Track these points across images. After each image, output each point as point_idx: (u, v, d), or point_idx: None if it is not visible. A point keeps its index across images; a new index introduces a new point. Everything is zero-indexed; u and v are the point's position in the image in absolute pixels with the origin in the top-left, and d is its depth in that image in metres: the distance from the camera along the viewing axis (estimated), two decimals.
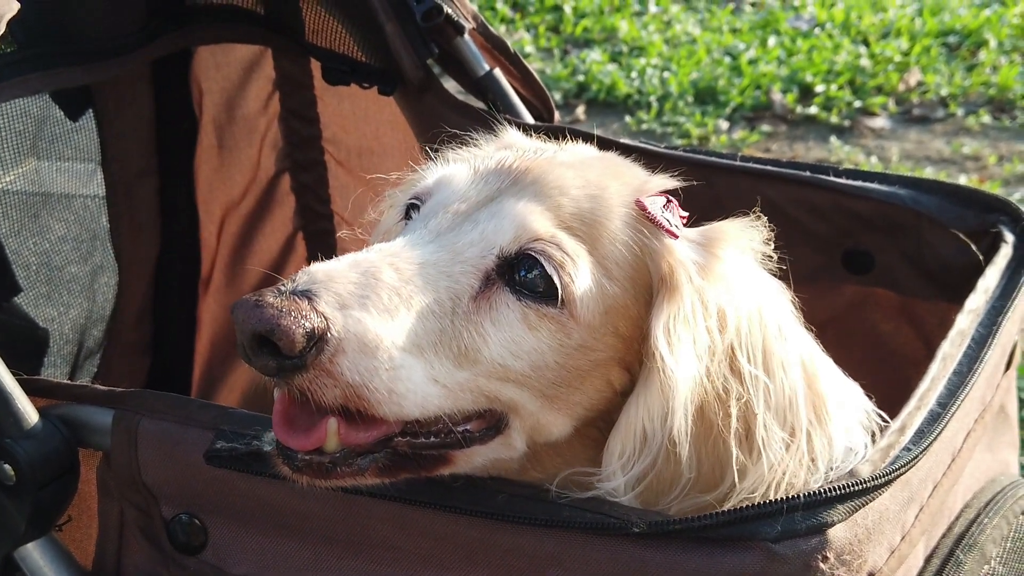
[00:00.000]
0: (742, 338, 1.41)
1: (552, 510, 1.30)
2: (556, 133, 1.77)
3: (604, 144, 1.81)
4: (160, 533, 1.49)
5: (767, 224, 1.51)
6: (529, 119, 2.24)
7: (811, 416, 1.43)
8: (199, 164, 2.51)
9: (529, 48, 6.22)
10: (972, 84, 5.63)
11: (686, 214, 1.53)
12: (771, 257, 1.52)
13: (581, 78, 5.83)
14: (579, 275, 1.38)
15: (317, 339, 1.23)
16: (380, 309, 1.29)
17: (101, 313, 2.40)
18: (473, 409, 1.38)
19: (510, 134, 1.73)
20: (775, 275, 1.53)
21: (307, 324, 1.22)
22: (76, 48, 2.07)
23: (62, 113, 2.20)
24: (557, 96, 5.72)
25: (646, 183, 1.53)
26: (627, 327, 1.43)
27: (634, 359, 1.44)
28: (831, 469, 1.42)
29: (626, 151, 1.87)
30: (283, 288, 1.25)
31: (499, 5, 6.65)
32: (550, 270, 1.37)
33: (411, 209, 1.52)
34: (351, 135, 2.48)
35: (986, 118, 5.38)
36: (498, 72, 2.23)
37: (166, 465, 1.47)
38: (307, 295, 1.24)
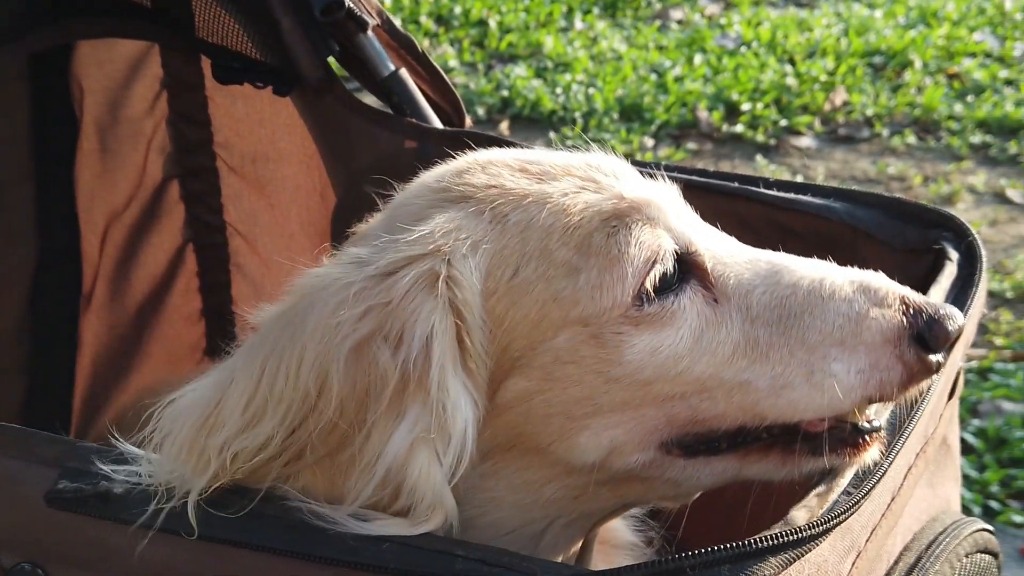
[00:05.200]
0: None
1: (445, 563, 1.14)
2: (467, 139, 1.62)
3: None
4: None
5: None
6: (438, 124, 2.08)
7: None
8: (80, 170, 2.30)
9: (453, 63, 6.08)
10: (897, 104, 5.59)
11: None
12: None
13: (505, 93, 5.70)
14: None
15: None
16: None
17: None
18: None
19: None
20: None
21: None
22: None
23: None
24: (480, 111, 5.58)
25: None
26: None
27: None
28: None
29: None
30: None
31: (423, 19, 6.51)
32: None
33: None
34: (245, 140, 2.29)
35: (911, 138, 5.34)
36: (404, 73, 2.07)
37: (4, 507, 1.28)
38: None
